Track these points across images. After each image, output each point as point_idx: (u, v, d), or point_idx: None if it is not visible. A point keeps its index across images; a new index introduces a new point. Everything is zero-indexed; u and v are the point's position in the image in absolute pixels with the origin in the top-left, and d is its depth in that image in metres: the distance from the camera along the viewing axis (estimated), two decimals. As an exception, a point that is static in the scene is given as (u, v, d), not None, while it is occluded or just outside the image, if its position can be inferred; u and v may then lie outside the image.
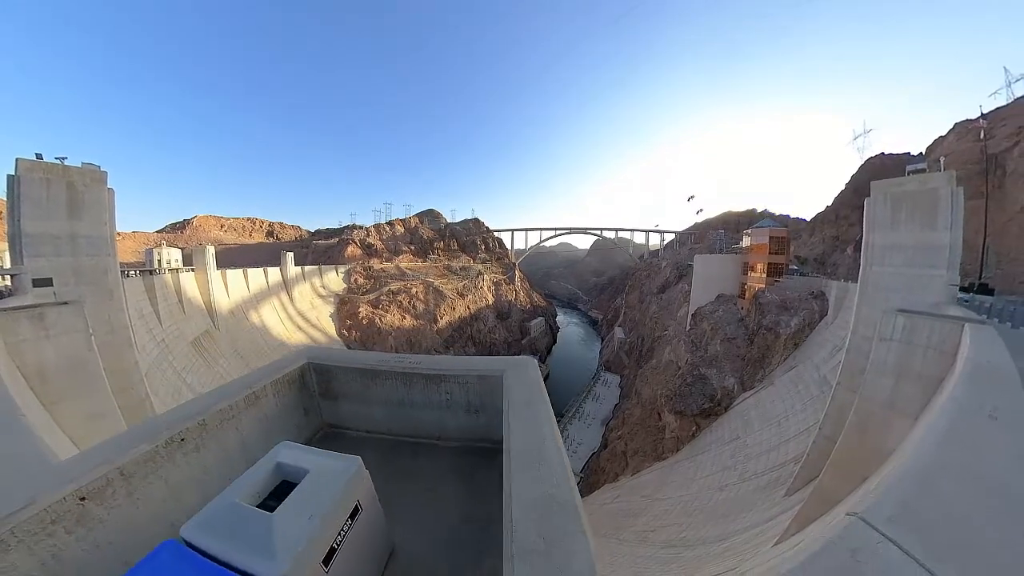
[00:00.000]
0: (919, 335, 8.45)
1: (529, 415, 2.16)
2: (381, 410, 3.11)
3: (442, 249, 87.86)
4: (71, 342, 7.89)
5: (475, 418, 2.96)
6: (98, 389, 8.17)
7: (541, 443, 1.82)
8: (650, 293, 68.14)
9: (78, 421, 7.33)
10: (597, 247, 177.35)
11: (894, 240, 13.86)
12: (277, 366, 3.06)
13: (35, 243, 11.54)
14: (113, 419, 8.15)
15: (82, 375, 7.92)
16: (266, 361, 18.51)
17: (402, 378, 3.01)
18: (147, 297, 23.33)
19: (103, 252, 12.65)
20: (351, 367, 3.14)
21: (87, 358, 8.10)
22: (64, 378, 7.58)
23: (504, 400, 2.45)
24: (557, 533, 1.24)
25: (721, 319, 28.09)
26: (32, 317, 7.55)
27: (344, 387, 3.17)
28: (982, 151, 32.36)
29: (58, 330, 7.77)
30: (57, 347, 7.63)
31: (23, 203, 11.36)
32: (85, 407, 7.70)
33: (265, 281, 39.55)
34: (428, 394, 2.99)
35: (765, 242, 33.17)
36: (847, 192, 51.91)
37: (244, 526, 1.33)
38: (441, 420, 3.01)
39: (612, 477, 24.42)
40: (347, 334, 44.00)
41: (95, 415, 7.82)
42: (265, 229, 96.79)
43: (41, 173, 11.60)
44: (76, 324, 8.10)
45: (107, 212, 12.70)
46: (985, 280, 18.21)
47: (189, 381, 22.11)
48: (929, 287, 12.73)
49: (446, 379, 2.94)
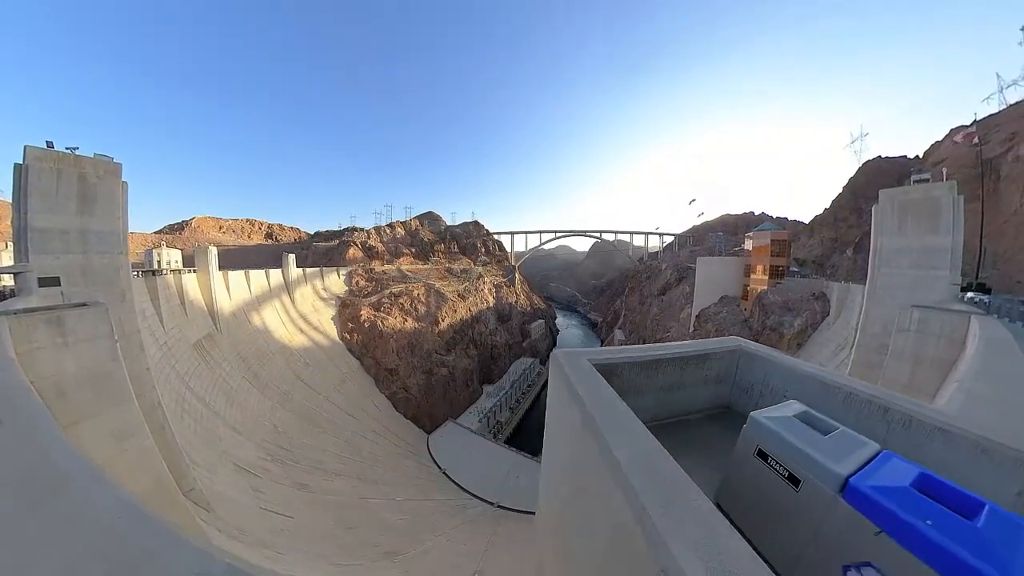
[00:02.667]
0: (932, 326, 9.94)
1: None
2: (652, 397, 3.48)
3: (443, 251, 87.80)
4: (94, 350, 6.84)
5: (719, 388, 3.70)
6: (124, 404, 7.13)
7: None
8: (650, 295, 68.43)
9: (101, 441, 6.47)
10: (596, 250, 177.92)
11: (900, 244, 14.60)
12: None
13: (42, 239, 10.76)
14: (141, 437, 7.15)
15: (106, 388, 6.89)
16: (268, 364, 18.34)
17: (679, 363, 3.48)
18: (149, 298, 23.12)
19: (115, 249, 12.06)
20: (634, 362, 3.44)
21: (112, 369, 7.01)
22: (86, 393, 6.57)
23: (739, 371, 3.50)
24: None
25: (725, 320, 28.30)
26: (49, 322, 6.48)
27: (628, 382, 3.49)
28: (977, 156, 32.98)
29: (79, 336, 6.72)
30: (77, 356, 6.61)
31: (31, 195, 10.51)
32: (109, 425, 6.74)
33: (267, 283, 39.34)
34: (697, 373, 3.58)
35: (767, 245, 33.52)
36: (845, 195, 52.56)
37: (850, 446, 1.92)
38: (699, 394, 3.65)
39: (618, 479, 24.38)
40: (349, 337, 43.76)
41: (121, 433, 6.86)
42: (264, 231, 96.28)
43: (51, 163, 10.82)
44: (99, 329, 7.04)
45: (120, 207, 12.12)
46: (982, 280, 18.71)
47: (192, 385, 21.86)
48: (933, 287, 13.59)
49: (709, 358, 3.57)
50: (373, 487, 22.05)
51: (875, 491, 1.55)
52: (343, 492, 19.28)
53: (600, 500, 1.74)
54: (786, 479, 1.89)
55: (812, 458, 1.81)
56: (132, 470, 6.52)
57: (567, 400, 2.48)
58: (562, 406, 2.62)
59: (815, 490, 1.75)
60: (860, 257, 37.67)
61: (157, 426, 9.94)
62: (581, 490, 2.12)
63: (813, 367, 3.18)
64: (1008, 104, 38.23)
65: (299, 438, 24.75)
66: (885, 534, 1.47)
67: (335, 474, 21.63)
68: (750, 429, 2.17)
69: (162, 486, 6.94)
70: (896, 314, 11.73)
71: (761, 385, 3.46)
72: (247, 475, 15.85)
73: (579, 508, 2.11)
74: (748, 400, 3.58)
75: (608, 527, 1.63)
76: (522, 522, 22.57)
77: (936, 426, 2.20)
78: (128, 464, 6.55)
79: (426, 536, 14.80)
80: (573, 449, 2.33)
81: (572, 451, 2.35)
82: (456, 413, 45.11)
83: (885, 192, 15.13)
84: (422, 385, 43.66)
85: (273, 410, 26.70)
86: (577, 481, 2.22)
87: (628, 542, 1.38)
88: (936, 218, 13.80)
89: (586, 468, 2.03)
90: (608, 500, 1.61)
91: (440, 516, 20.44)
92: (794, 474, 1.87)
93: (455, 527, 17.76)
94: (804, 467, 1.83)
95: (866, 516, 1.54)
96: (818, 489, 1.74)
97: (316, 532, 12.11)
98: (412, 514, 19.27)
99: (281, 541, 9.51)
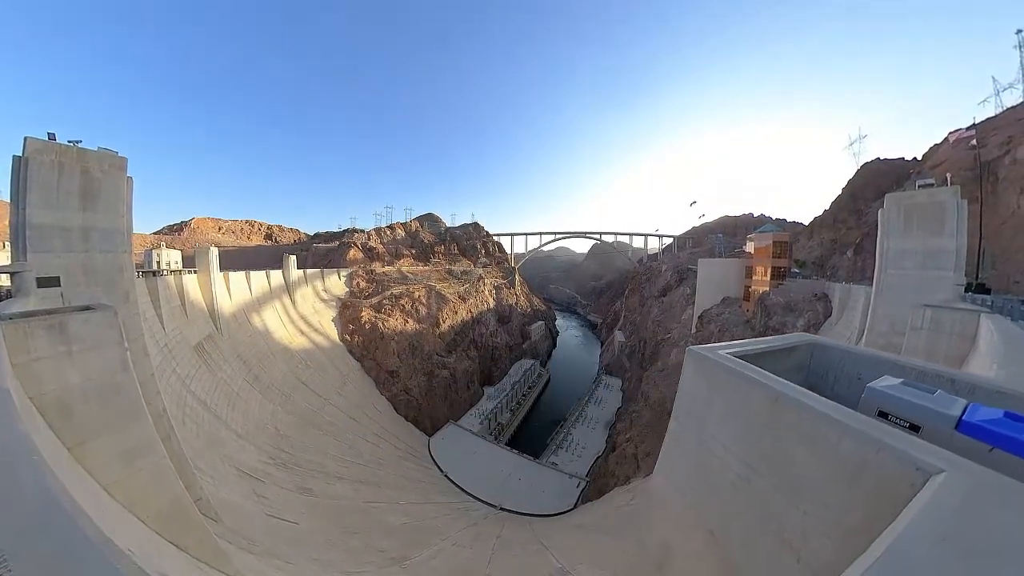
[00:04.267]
0: (944, 324, 10.47)
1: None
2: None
3: (443, 253, 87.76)
4: (101, 359, 6.00)
5: (798, 375, 4.37)
6: (136, 419, 6.28)
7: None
8: (651, 296, 68.49)
9: (109, 462, 5.61)
10: (595, 251, 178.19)
11: (906, 246, 14.88)
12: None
13: (42, 236, 10.08)
14: (155, 454, 6.29)
15: (116, 403, 6.07)
16: (269, 366, 18.04)
17: (774, 355, 4.14)
18: (150, 300, 22.90)
19: (119, 248, 11.46)
20: (748, 354, 4.07)
21: (122, 380, 6.18)
22: (93, 408, 5.75)
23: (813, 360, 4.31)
24: None
25: (728, 321, 28.33)
26: (51, 327, 5.61)
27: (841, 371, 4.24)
28: (975, 159, 33.25)
29: (84, 344, 5.88)
30: (84, 367, 5.77)
31: (31, 189, 9.81)
32: (119, 444, 5.91)
33: (268, 284, 39.13)
34: (786, 362, 4.23)
35: (768, 246, 33.64)
36: (844, 196, 52.86)
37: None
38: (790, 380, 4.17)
39: (623, 480, 24.29)
40: (349, 339, 43.56)
41: (132, 452, 6.00)
42: (264, 232, 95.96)
43: (53, 156, 10.19)
44: (107, 335, 6.17)
45: (125, 203, 11.57)
46: (982, 280, 18.95)
47: (193, 388, 21.65)
48: (939, 287, 13.91)
49: (795, 349, 4.31)
50: (375, 490, 21.88)
51: (983, 423, 2.26)
52: (346, 496, 19.11)
53: (821, 451, 2.46)
54: (907, 428, 2.58)
55: (930, 409, 2.52)
56: (145, 492, 5.82)
57: (737, 383, 3.19)
58: (728, 388, 3.31)
59: (935, 431, 2.42)
60: (860, 258, 37.83)
61: (163, 435, 9.47)
62: (777, 452, 2.79)
63: (877, 353, 3.87)
64: (1005, 107, 38.67)
65: (301, 441, 24.56)
66: (998, 449, 2.13)
67: (337, 478, 21.45)
68: (870, 396, 2.87)
69: (180, 507, 6.23)
70: (902, 313, 12.38)
71: (836, 371, 4.05)
72: (251, 480, 15.69)
73: (775, 473, 2.78)
74: (824, 384, 4.14)
75: (840, 470, 2.30)
76: (525, 525, 22.40)
77: (995, 389, 2.95)
78: (140, 485, 5.86)
79: (431, 540, 14.66)
80: (759, 421, 3.01)
81: (757, 423, 3.03)
82: (457, 415, 44.94)
83: (891, 196, 15.45)
84: (423, 387, 43.49)
85: (274, 413, 26.50)
86: (767, 446, 2.89)
87: (876, 466, 2.13)
88: (941, 221, 14.14)
89: (790, 430, 2.72)
90: (835, 447, 2.34)
91: (443, 519, 20.29)
92: (914, 423, 2.58)
93: (459, 531, 17.62)
94: (923, 416, 2.54)
95: (981, 440, 2.22)
96: (938, 430, 2.42)
97: (322, 538, 11.99)
98: (415, 518, 19.12)
99: (289, 550, 9.36)
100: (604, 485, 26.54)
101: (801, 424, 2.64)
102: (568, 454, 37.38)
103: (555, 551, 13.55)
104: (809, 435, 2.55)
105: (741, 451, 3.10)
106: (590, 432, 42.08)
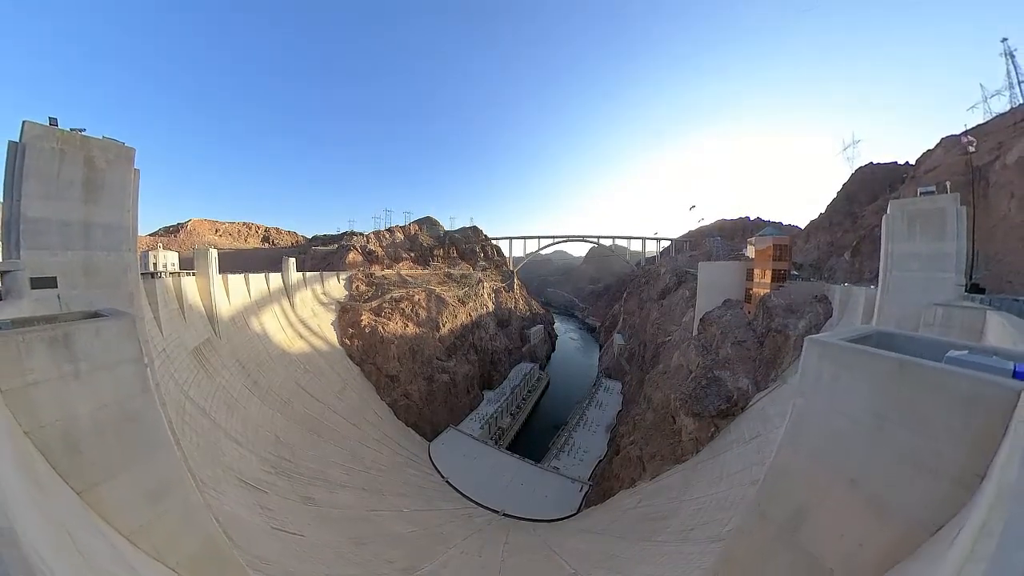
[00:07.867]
0: (954, 320, 11.38)
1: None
2: None
3: (442, 256, 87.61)
4: (117, 380, 4.70)
5: None
6: (162, 451, 5.12)
7: None
8: (650, 299, 68.78)
9: (130, 506, 4.58)
10: (593, 254, 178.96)
11: (910, 249, 15.42)
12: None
13: (38, 231, 8.90)
14: (183, 490, 5.23)
15: (135, 433, 4.83)
16: (268, 371, 17.74)
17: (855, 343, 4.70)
18: (147, 303, 22.45)
19: (123, 246, 10.43)
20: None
21: (142, 406, 4.95)
22: (109, 442, 4.54)
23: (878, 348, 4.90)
24: None
25: (730, 323, 28.45)
26: (52, 341, 4.23)
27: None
28: (967, 164, 33.97)
29: (95, 361, 4.51)
30: (95, 392, 4.48)
31: (27, 179, 8.70)
32: (140, 483, 4.75)
33: (267, 287, 38.62)
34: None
35: (769, 249, 33.99)
36: (839, 199, 53.68)
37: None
38: None
39: (628, 483, 24.18)
40: (349, 343, 43.10)
41: (157, 492, 4.88)
42: (261, 234, 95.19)
43: (54, 143, 9.14)
44: (124, 350, 4.82)
45: (131, 197, 10.57)
46: (976, 280, 19.53)
47: (191, 394, 21.20)
48: (941, 287, 14.55)
49: (868, 338, 4.81)
50: (379, 498, 21.54)
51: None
52: (350, 505, 18.77)
53: (945, 393, 3.30)
54: None
55: (994, 366, 3.28)
56: (174, 535, 4.92)
57: (863, 359, 3.96)
58: (856, 364, 4.04)
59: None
60: (858, 260, 38.31)
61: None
62: (904, 402, 3.55)
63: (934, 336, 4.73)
64: (993, 113, 39.64)
65: (301, 448, 24.13)
66: None
67: (340, 486, 21.09)
68: (950, 361, 3.51)
69: (214, 547, 5.36)
70: (909, 312, 13.60)
71: (902, 351, 4.47)
72: (253, 491, 15.30)
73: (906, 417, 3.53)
74: None
75: (960, 401, 3.18)
76: (530, 530, 22.17)
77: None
78: (169, 528, 4.92)
79: (438, 548, 14.43)
80: (888, 382, 3.73)
81: (887, 384, 3.73)
82: (457, 419, 44.55)
83: (896, 202, 16.11)
84: (423, 391, 43.11)
85: (274, 419, 26.03)
86: (897, 398, 3.62)
87: (987, 393, 3.05)
88: (942, 226, 14.84)
89: (917, 384, 3.49)
90: (956, 388, 3.23)
91: (448, 526, 20.02)
92: None
93: (465, 538, 17.38)
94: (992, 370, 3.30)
95: None
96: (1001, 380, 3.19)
97: (329, 550, 11.70)
98: (420, 525, 18.84)
99: (303, 567, 9.05)
100: (608, 488, 26.39)
101: (925, 377, 3.47)
102: (570, 458, 37.19)
103: (565, 556, 13.41)
104: (933, 383, 3.41)
105: (872, 406, 3.85)
106: (591, 435, 41.92)
